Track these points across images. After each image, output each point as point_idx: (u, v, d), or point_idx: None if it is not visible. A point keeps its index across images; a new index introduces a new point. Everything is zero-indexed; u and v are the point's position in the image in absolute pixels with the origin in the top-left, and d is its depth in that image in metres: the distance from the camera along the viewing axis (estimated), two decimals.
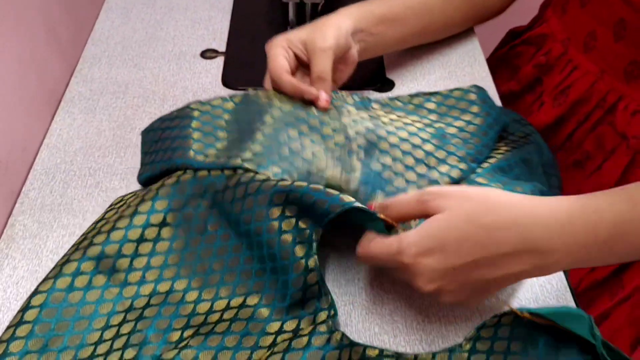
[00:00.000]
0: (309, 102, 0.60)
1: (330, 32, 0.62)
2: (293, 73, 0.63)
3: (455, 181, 0.56)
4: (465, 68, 0.74)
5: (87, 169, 0.61)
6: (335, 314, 0.46)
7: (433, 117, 0.62)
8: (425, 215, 0.46)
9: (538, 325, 0.46)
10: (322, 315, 0.45)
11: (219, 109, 0.59)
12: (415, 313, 0.51)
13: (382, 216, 0.47)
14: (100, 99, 0.69)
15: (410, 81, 0.73)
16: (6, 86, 0.58)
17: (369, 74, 0.73)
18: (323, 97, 0.60)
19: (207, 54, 0.76)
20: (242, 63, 0.74)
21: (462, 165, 0.57)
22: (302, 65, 0.63)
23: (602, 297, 0.74)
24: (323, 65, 0.61)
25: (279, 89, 0.61)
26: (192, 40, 0.78)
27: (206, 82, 0.72)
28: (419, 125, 0.61)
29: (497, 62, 0.86)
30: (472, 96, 0.64)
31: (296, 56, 0.62)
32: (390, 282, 0.53)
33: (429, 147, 0.58)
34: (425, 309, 0.51)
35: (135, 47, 0.77)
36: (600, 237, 0.44)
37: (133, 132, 0.65)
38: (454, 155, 0.57)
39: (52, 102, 0.68)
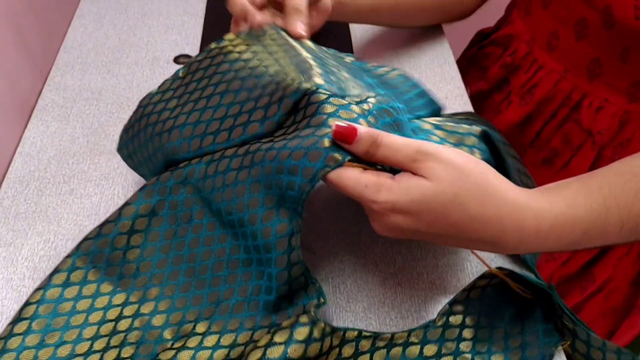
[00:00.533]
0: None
1: None
2: (262, 8, 0.59)
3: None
4: (435, 69, 0.76)
5: (62, 176, 0.62)
6: (325, 302, 0.46)
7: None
8: (410, 168, 0.42)
9: (505, 299, 0.49)
10: (312, 304, 0.46)
11: (169, 91, 0.56)
12: (389, 309, 0.52)
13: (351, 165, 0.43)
14: (73, 106, 0.69)
15: None
16: None
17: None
18: (301, 27, 0.56)
19: (181, 59, 0.77)
20: None
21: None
22: (274, 4, 0.61)
23: (574, 291, 0.76)
24: None
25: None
26: (165, 46, 0.79)
27: None
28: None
29: (466, 63, 0.88)
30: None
31: None
32: (364, 280, 0.54)
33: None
34: (399, 304, 0.52)
35: (108, 54, 0.77)
36: (564, 243, 0.45)
37: (107, 138, 0.66)
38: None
39: (24, 111, 0.68)
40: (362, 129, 0.42)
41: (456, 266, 0.55)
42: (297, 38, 0.56)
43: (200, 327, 0.46)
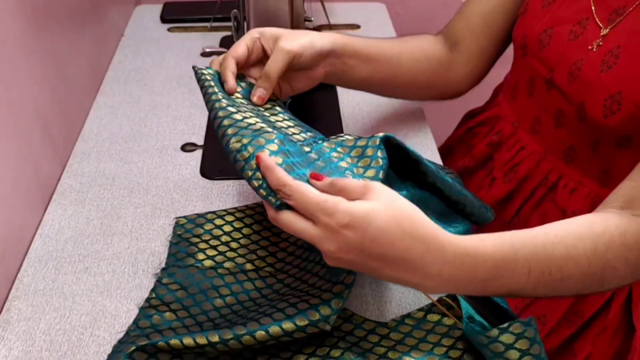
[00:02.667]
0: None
1: (301, 41, 0.67)
2: (254, 62, 0.68)
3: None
4: (415, 146, 0.83)
5: (77, 255, 0.67)
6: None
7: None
8: (360, 197, 0.49)
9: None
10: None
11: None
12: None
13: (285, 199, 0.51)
14: (89, 191, 0.76)
15: None
16: (5, 182, 0.65)
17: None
18: (257, 93, 0.66)
19: (187, 147, 0.84)
20: (219, 155, 0.82)
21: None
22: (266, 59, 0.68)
23: None
24: (275, 64, 0.65)
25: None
26: (173, 135, 0.86)
27: (186, 173, 0.79)
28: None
29: (454, 141, 0.95)
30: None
31: (263, 49, 0.67)
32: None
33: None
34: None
35: (121, 142, 0.85)
36: (479, 276, 0.52)
37: (119, 220, 0.72)
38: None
39: (45, 196, 0.75)
40: (327, 178, 0.52)
41: None
42: (254, 103, 0.65)
43: None
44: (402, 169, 0.64)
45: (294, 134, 0.62)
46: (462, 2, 1.33)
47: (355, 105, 0.93)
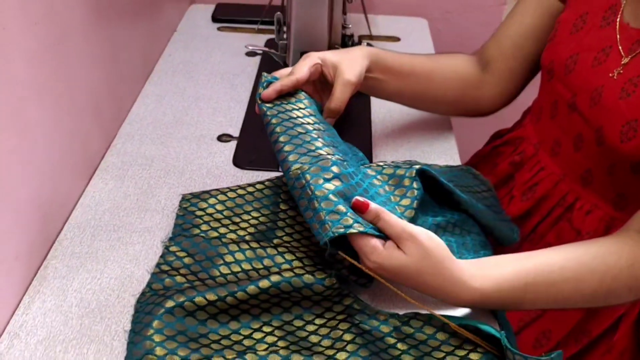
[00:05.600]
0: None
1: (357, 68, 0.74)
2: (313, 82, 0.75)
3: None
4: (441, 162, 0.86)
5: (112, 225, 0.73)
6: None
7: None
8: (396, 241, 0.58)
9: None
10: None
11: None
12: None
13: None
14: (129, 169, 0.82)
15: None
16: (55, 152, 0.71)
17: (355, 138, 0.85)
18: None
19: (223, 138, 0.90)
20: (251, 147, 0.87)
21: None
22: (322, 81, 0.76)
23: None
24: (343, 97, 0.73)
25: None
26: (211, 126, 0.92)
27: (219, 161, 0.85)
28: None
29: (480, 159, 0.98)
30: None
31: (323, 73, 0.75)
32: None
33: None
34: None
35: (163, 128, 0.91)
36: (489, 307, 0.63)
37: (153, 198, 0.78)
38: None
39: (89, 169, 0.81)
40: (373, 205, 0.60)
41: None
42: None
43: None
44: (439, 195, 0.71)
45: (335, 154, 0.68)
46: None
47: (387, 112, 0.97)
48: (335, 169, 0.62)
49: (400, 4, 1.31)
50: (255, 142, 0.88)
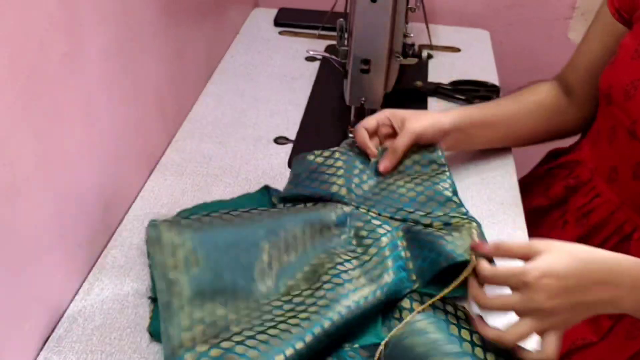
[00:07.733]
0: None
1: (424, 122, 0.77)
2: (381, 135, 0.79)
3: None
4: (497, 177, 0.85)
5: None
6: None
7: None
8: (527, 256, 0.58)
9: None
10: None
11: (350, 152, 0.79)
12: None
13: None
14: (188, 166, 0.85)
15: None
16: (119, 146, 0.74)
17: None
18: (384, 163, 0.77)
19: (280, 140, 0.91)
20: (307, 151, 0.87)
21: None
22: (392, 135, 0.79)
23: None
24: (402, 141, 0.76)
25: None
26: (269, 128, 0.93)
27: (275, 163, 0.86)
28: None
29: (533, 179, 0.96)
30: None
31: (392, 127, 0.78)
32: None
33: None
34: None
35: (222, 128, 0.93)
36: None
37: (209, 195, 0.79)
38: None
39: (150, 164, 0.84)
40: (487, 246, 0.62)
41: None
42: (380, 170, 0.77)
43: None
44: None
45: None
46: (568, 36, 1.33)
47: None
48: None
49: (462, 15, 1.30)
50: (311, 146, 0.88)
